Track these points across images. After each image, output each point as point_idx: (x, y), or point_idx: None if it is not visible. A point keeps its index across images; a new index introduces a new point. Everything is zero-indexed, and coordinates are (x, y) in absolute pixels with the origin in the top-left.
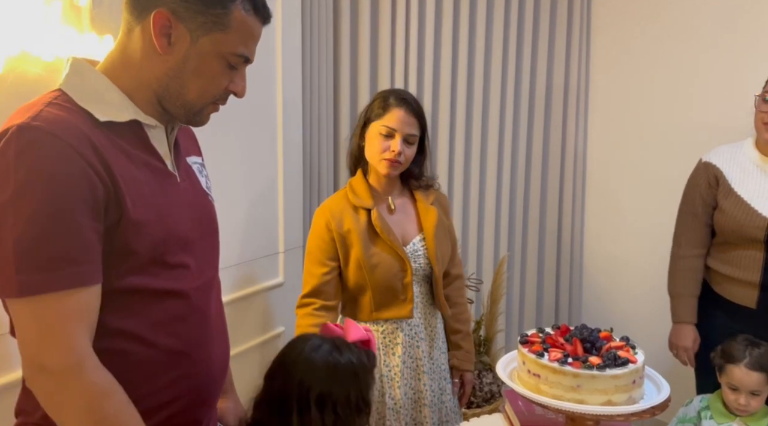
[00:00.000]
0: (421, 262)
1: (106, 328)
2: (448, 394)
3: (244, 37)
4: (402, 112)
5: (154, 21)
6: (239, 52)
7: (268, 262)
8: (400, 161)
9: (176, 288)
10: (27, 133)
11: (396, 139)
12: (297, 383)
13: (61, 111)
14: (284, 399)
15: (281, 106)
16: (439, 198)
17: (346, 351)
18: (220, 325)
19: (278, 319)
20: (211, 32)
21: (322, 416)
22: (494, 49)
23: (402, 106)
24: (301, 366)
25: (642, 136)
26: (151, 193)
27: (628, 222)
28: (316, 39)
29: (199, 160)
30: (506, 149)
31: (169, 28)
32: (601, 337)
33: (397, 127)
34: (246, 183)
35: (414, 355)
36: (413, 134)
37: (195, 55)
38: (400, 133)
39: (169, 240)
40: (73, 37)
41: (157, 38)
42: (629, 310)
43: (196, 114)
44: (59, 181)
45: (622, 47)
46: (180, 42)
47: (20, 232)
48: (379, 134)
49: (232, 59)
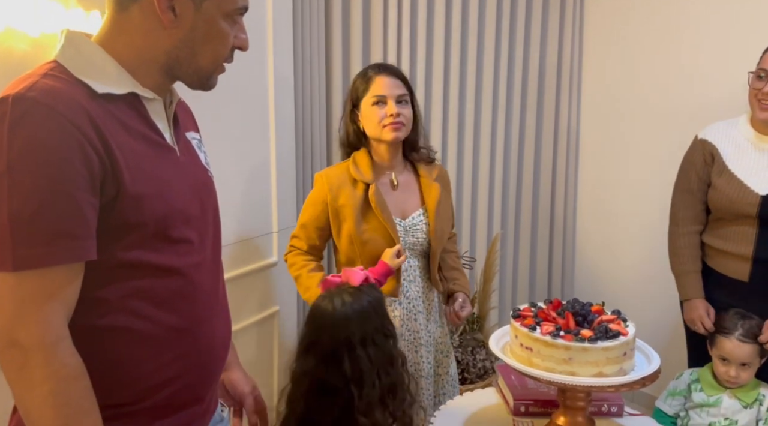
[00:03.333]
0: (419, 236)
1: (109, 305)
2: (445, 368)
3: None
4: (385, 78)
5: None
6: (240, 5)
7: (262, 242)
8: (401, 122)
9: (180, 264)
10: (21, 103)
11: (389, 103)
12: (342, 338)
13: (57, 82)
14: (334, 353)
15: (272, 85)
16: (442, 173)
17: (361, 294)
18: (222, 302)
19: (273, 299)
20: None
21: (366, 352)
22: (487, 28)
23: (381, 72)
24: (340, 323)
25: (635, 113)
26: (151, 166)
27: (621, 199)
28: (307, 15)
29: (197, 136)
30: (499, 128)
31: (172, 1)
32: (593, 310)
33: (386, 92)
34: (239, 163)
35: (411, 328)
36: (403, 94)
37: (202, 21)
38: (391, 96)
39: (170, 213)
40: (60, 12)
41: (162, 13)
42: (621, 286)
43: (209, 78)
44: (55, 154)
45: (615, 24)
46: (185, 12)
47: (16, 205)
48: (372, 106)
49: (235, 15)
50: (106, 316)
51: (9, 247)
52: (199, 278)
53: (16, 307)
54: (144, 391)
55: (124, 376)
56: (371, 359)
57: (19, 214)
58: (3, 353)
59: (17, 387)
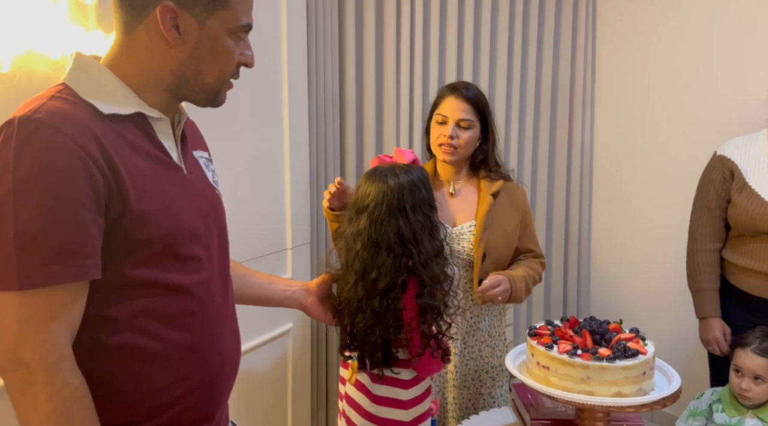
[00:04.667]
0: (465, 245)
1: (118, 324)
2: (488, 388)
3: (245, 7)
4: (452, 99)
5: (161, 16)
6: (244, 22)
7: (276, 259)
8: (453, 145)
9: (187, 282)
10: (28, 125)
11: (448, 124)
12: (396, 203)
13: (64, 104)
14: (389, 216)
15: (287, 102)
16: (510, 189)
17: (412, 169)
18: (231, 319)
19: (286, 316)
20: (215, 12)
21: (416, 217)
22: (499, 45)
23: (452, 93)
24: (395, 190)
25: (649, 129)
26: (157, 184)
27: (636, 215)
28: (321, 36)
29: (205, 155)
30: (512, 143)
31: (175, 19)
32: (611, 328)
33: (448, 113)
34: (253, 180)
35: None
36: (466, 119)
37: (206, 38)
38: (452, 118)
39: (177, 231)
40: (80, 35)
41: (167, 32)
42: (639, 304)
43: (216, 95)
44: (60, 173)
45: (628, 40)
46: (189, 30)
47: (22, 224)
48: (435, 123)
49: (239, 32)
50: (115, 335)
51: (14, 266)
52: (207, 296)
53: (21, 326)
54: (153, 410)
55: (132, 395)
56: (422, 224)
57: (24, 233)
58: (7, 372)
59: (20, 406)
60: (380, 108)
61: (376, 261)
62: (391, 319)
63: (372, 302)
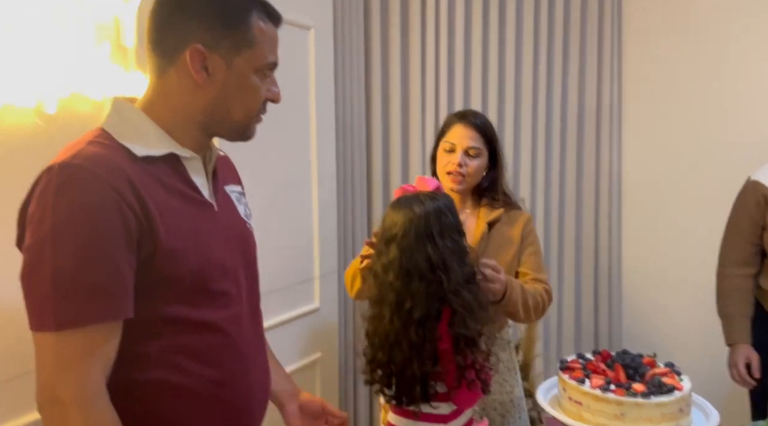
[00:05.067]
0: None
1: (150, 360)
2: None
3: (269, 46)
4: (461, 127)
5: (190, 58)
6: (269, 61)
7: (304, 288)
8: (462, 173)
9: (218, 318)
10: (66, 170)
11: (456, 152)
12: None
13: (101, 148)
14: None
15: (315, 133)
16: (511, 216)
17: (437, 196)
18: (261, 354)
19: (315, 345)
20: (241, 52)
21: (445, 243)
22: (524, 70)
23: (460, 121)
24: (422, 218)
25: (679, 153)
26: (187, 221)
27: (668, 243)
28: (348, 68)
29: (238, 189)
30: (539, 171)
31: (204, 61)
32: (645, 362)
33: (456, 141)
34: (281, 209)
35: None
36: (474, 147)
37: (233, 77)
38: (460, 146)
39: (206, 266)
40: (120, 75)
41: (196, 73)
42: (673, 335)
43: (246, 130)
44: (95, 216)
45: (655, 63)
46: (217, 70)
47: (58, 266)
48: (443, 151)
49: (265, 70)
50: (147, 371)
51: (50, 307)
52: (237, 331)
53: (57, 364)
54: None
55: None
56: (451, 249)
57: (60, 275)
58: (44, 409)
59: None
60: (406, 137)
61: (409, 289)
62: (429, 351)
63: (408, 333)
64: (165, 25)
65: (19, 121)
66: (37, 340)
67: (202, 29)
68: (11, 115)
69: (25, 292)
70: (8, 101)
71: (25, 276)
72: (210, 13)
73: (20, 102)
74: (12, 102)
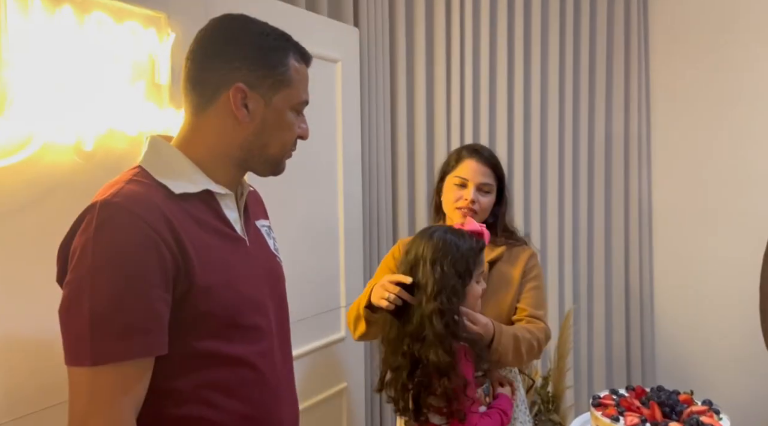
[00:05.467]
0: None
1: (182, 395)
2: None
3: (303, 85)
4: (474, 162)
5: (233, 96)
6: (303, 99)
7: (330, 317)
8: (474, 209)
9: (249, 352)
10: (106, 208)
11: (469, 188)
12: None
13: (139, 186)
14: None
15: (341, 164)
16: (514, 253)
17: (463, 237)
18: (290, 388)
19: (341, 375)
20: (279, 90)
21: (433, 270)
22: (550, 99)
23: (474, 156)
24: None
25: (712, 185)
26: (221, 257)
27: (702, 275)
28: (374, 97)
29: (267, 224)
30: (567, 200)
31: (245, 99)
32: (681, 400)
33: (469, 176)
34: (308, 239)
35: None
36: (487, 183)
37: (271, 115)
38: (473, 182)
39: (240, 302)
40: (155, 112)
41: (237, 110)
42: (710, 370)
43: (278, 164)
44: (132, 255)
45: (683, 92)
46: (257, 108)
47: (96, 303)
48: (453, 185)
49: (299, 108)
50: (180, 407)
51: (87, 343)
52: (268, 365)
53: (90, 399)
54: None
55: None
56: (435, 279)
57: (98, 311)
58: None
59: None
60: (431, 168)
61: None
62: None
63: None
64: (206, 65)
65: (59, 158)
66: (72, 375)
67: (244, 69)
68: (51, 152)
69: (63, 327)
70: (48, 139)
71: (63, 311)
72: (252, 54)
73: (60, 139)
74: (52, 139)
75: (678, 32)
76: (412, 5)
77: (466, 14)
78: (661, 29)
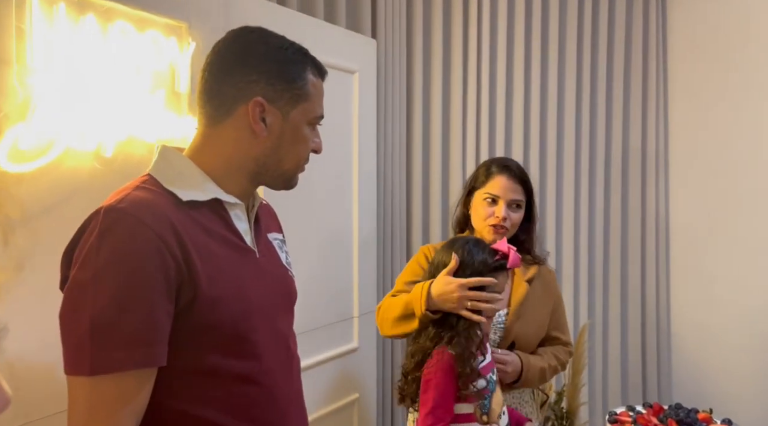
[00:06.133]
0: (500, 334)
1: (185, 417)
2: None
3: (320, 99)
4: (504, 179)
5: (251, 110)
6: (319, 113)
7: (343, 327)
8: (505, 226)
9: (255, 369)
10: (111, 214)
11: (500, 204)
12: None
13: (147, 193)
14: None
15: (356, 175)
16: (542, 273)
17: (482, 249)
18: (297, 404)
19: (353, 385)
20: (297, 105)
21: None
22: (566, 111)
23: (504, 172)
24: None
25: (730, 198)
26: (229, 268)
27: (720, 290)
28: (390, 108)
29: (279, 237)
30: (582, 213)
31: (263, 112)
32: (700, 418)
33: (500, 193)
34: (322, 250)
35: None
36: (518, 200)
37: (288, 129)
38: (504, 198)
39: (246, 314)
40: (174, 120)
41: (255, 124)
42: (729, 388)
43: (291, 179)
44: (135, 262)
45: (701, 108)
46: (274, 122)
47: (97, 311)
48: (483, 201)
49: (314, 122)
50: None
51: (88, 352)
52: (273, 382)
53: (89, 409)
54: None
55: None
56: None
57: (99, 320)
58: None
59: None
60: (446, 180)
61: None
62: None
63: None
64: (225, 78)
65: (79, 164)
66: (71, 384)
67: (262, 82)
68: (72, 158)
69: (63, 334)
70: (70, 145)
71: (63, 317)
72: (272, 69)
73: (81, 146)
74: (73, 145)
75: (697, 41)
76: (429, 18)
77: (483, 27)
78: (680, 39)
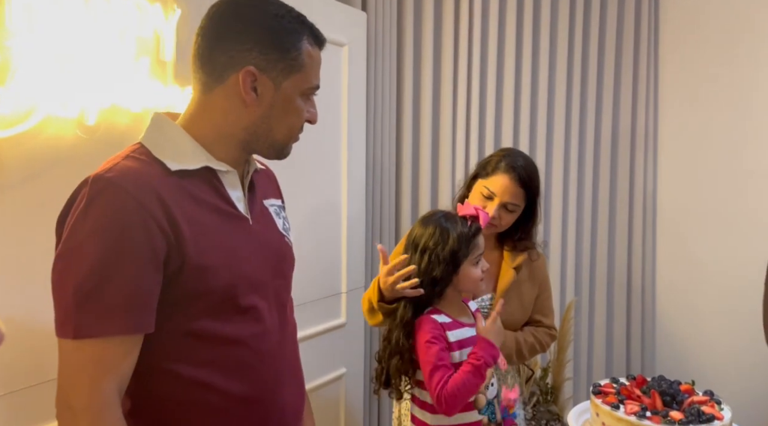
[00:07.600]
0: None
1: (179, 378)
2: None
3: (315, 70)
4: (507, 179)
5: (242, 79)
6: (314, 84)
7: (331, 303)
8: (494, 224)
9: (247, 333)
10: (98, 183)
11: (494, 202)
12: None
13: (135, 163)
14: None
15: (346, 149)
16: (531, 259)
17: (455, 223)
18: (293, 369)
19: (341, 360)
20: (290, 75)
21: (420, 259)
22: (557, 93)
23: (509, 172)
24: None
25: (717, 180)
26: (219, 236)
27: (705, 268)
28: (380, 82)
29: (277, 203)
30: (571, 193)
31: (254, 82)
32: (682, 390)
33: (497, 192)
34: (311, 226)
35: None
36: (514, 204)
37: (280, 99)
38: (500, 198)
39: (237, 282)
40: (159, 89)
41: (246, 94)
42: (711, 362)
43: (284, 149)
44: (120, 231)
45: (692, 88)
46: (266, 92)
47: (82, 278)
48: (480, 192)
49: (309, 93)
50: (177, 388)
51: (72, 316)
52: (266, 346)
53: (72, 372)
54: None
55: None
56: (420, 269)
57: (83, 286)
58: (59, 414)
59: None
60: (436, 154)
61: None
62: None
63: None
64: (217, 44)
65: (60, 131)
66: (60, 346)
67: (255, 51)
68: (52, 125)
69: (53, 298)
70: (51, 112)
71: (53, 282)
72: (265, 37)
73: (62, 112)
74: (54, 112)
75: (688, 28)
76: None
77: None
78: (671, 24)
